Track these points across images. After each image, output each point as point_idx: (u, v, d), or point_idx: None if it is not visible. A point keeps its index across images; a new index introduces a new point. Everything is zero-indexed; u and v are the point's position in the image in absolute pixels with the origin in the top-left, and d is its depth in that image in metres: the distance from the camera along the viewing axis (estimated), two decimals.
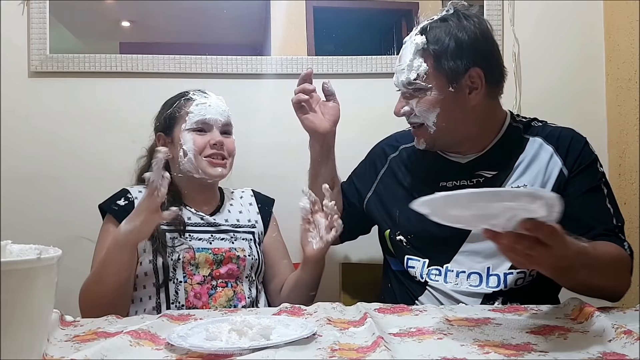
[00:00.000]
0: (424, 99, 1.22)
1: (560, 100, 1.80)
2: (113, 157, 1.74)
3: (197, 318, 1.03)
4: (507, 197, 0.83)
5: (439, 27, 1.22)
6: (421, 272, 1.26)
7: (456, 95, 1.21)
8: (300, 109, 1.35)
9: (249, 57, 1.75)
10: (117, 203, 1.34)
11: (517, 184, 1.24)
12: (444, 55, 1.20)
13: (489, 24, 1.26)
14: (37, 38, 1.70)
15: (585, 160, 1.23)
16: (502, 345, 0.83)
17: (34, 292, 0.62)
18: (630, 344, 0.79)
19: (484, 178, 1.27)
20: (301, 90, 1.34)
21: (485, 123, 1.28)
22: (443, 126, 1.23)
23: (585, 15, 1.82)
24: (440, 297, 1.24)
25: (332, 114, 1.37)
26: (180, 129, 1.37)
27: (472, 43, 1.20)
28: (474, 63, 1.20)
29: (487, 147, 1.29)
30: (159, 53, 1.73)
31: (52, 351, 0.82)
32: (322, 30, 1.80)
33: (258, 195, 1.51)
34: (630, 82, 1.68)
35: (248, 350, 0.79)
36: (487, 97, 1.24)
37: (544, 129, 1.29)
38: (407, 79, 1.22)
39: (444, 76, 1.21)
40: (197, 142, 1.35)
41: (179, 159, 1.37)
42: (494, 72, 1.25)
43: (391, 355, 0.76)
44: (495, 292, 1.21)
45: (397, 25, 1.86)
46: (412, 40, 1.23)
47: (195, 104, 1.37)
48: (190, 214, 1.37)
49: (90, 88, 1.74)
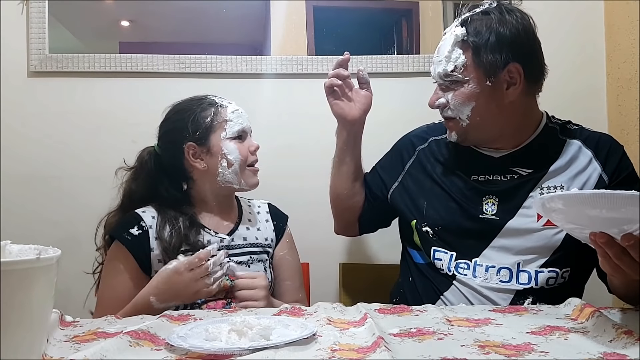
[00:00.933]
0: (459, 91, 1.21)
1: (560, 99, 1.79)
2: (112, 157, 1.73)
3: (196, 318, 1.03)
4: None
5: (480, 20, 1.20)
6: (448, 265, 1.25)
7: (493, 90, 1.20)
8: (332, 93, 1.34)
9: (249, 57, 1.75)
10: (130, 232, 1.25)
11: (553, 184, 1.23)
12: (484, 48, 1.18)
13: (532, 20, 1.23)
14: (36, 38, 1.70)
15: (625, 169, 1.23)
16: (502, 345, 0.82)
17: (33, 292, 0.62)
18: (630, 344, 0.79)
19: (518, 175, 1.25)
20: (335, 74, 1.32)
21: (521, 120, 1.26)
22: (477, 120, 1.22)
23: (586, 15, 1.82)
24: (468, 293, 1.22)
25: (364, 103, 1.35)
26: (218, 138, 1.29)
27: (513, 38, 1.18)
28: (513, 58, 1.18)
29: (522, 145, 1.27)
30: (159, 53, 1.73)
31: (51, 351, 0.82)
32: (322, 30, 1.80)
33: (273, 210, 1.45)
34: (631, 82, 1.68)
35: (248, 351, 0.79)
36: (525, 94, 1.22)
37: (582, 133, 1.27)
38: (444, 71, 1.21)
39: (482, 69, 1.19)
40: (243, 151, 1.30)
41: (221, 169, 1.30)
42: (534, 69, 1.22)
43: (391, 355, 0.76)
44: (525, 290, 1.19)
45: (397, 25, 1.86)
46: (452, 31, 1.21)
47: (231, 111, 1.31)
48: (210, 237, 1.30)
49: (89, 88, 1.74)
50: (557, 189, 1.22)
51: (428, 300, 1.20)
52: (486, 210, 1.24)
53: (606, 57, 1.81)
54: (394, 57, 1.79)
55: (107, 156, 1.73)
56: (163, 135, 1.37)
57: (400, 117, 1.67)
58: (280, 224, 1.43)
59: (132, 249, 1.24)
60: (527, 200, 1.22)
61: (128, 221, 1.28)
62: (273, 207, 1.46)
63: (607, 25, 1.80)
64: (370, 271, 1.63)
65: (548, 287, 1.19)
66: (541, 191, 1.22)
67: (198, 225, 1.30)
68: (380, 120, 1.71)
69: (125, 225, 1.27)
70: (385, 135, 1.50)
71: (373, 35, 1.84)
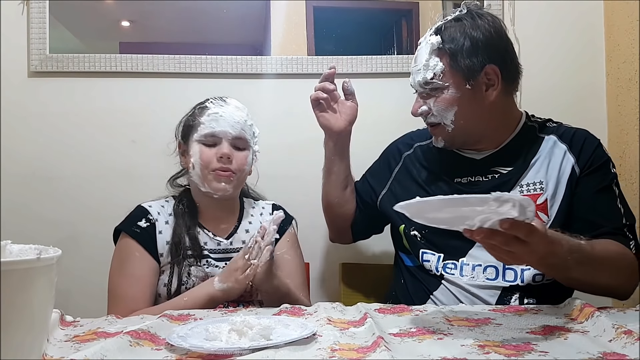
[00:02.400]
0: (441, 97, 1.24)
1: (560, 99, 1.79)
2: (113, 157, 1.74)
3: (196, 318, 1.03)
4: (476, 203, 0.87)
5: (453, 27, 1.23)
6: (436, 266, 1.27)
7: (473, 93, 1.23)
8: (318, 106, 1.36)
9: (249, 57, 1.75)
10: (139, 225, 1.28)
11: (532, 180, 1.25)
12: (460, 53, 1.21)
13: (502, 23, 1.28)
14: (36, 38, 1.70)
15: (598, 161, 1.24)
16: (502, 345, 0.83)
17: (33, 292, 0.62)
18: (630, 344, 0.79)
19: (499, 174, 1.27)
20: (321, 88, 1.35)
21: (502, 120, 1.29)
22: (461, 124, 1.24)
23: (586, 15, 1.82)
24: (456, 292, 1.24)
25: (349, 114, 1.38)
26: (192, 139, 1.32)
27: (486, 41, 1.22)
28: (489, 60, 1.22)
29: (502, 144, 1.29)
30: (159, 53, 1.73)
31: (51, 351, 0.82)
32: (322, 30, 1.80)
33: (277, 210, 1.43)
34: (631, 82, 1.68)
35: (248, 351, 0.79)
36: (504, 94, 1.26)
37: (559, 129, 1.30)
38: (423, 79, 1.23)
39: (460, 74, 1.22)
40: (204, 156, 1.29)
41: (190, 170, 1.32)
42: (510, 69, 1.26)
43: (391, 355, 0.76)
44: (512, 287, 1.20)
45: (397, 25, 1.86)
46: (427, 40, 1.24)
47: (207, 114, 1.31)
48: (207, 239, 1.32)
49: (89, 88, 1.74)
50: (535, 185, 1.24)
51: (419, 301, 1.23)
52: None
53: (606, 57, 1.81)
54: (394, 57, 1.79)
55: (107, 156, 1.74)
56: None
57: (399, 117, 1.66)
58: (282, 225, 1.42)
59: (142, 241, 1.27)
60: None
61: (136, 215, 1.32)
62: (277, 208, 1.46)
63: (607, 25, 1.80)
64: (371, 271, 1.63)
65: (535, 283, 1.21)
66: (521, 189, 1.25)
67: (197, 225, 1.33)
68: (381, 120, 1.72)
69: (133, 219, 1.31)
70: (385, 135, 1.50)
71: (373, 35, 1.84)
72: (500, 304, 1.19)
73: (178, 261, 1.27)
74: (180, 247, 1.28)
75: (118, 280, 1.26)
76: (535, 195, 1.23)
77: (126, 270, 1.26)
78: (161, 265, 1.28)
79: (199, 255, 1.29)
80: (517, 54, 1.29)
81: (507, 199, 0.84)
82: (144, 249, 1.27)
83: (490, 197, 0.84)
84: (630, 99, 1.68)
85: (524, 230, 0.88)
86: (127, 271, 1.26)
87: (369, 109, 1.73)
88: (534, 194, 1.24)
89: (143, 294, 1.23)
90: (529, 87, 1.79)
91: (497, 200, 0.84)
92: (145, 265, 1.26)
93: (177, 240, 1.28)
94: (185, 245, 1.29)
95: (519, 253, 0.91)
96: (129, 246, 1.28)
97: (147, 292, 1.24)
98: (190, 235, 1.30)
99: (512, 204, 0.84)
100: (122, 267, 1.27)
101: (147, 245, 1.27)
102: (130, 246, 1.27)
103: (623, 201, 1.23)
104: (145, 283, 1.25)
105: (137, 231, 1.28)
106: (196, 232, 1.32)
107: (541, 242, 0.91)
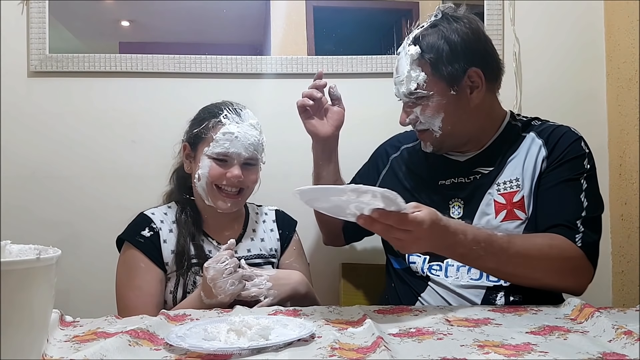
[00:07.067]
0: (427, 106, 1.24)
1: (560, 99, 1.79)
2: (112, 157, 1.74)
3: (193, 318, 1.03)
4: (335, 193, 0.94)
5: (430, 34, 1.23)
6: (422, 267, 1.27)
7: (458, 98, 1.23)
8: (304, 112, 1.37)
9: (249, 57, 1.75)
10: (142, 234, 1.28)
11: (509, 179, 1.24)
12: (441, 61, 1.21)
13: (479, 22, 1.27)
14: (36, 38, 1.70)
15: (570, 154, 1.22)
16: (502, 345, 0.82)
17: (33, 292, 0.62)
18: (630, 345, 0.79)
19: (480, 174, 1.28)
20: (307, 95, 1.35)
21: (487, 120, 1.29)
22: (449, 129, 1.25)
23: (586, 15, 1.82)
24: (443, 293, 1.24)
25: (336, 119, 1.38)
26: (202, 150, 1.30)
27: (465, 44, 1.21)
28: (471, 63, 1.22)
29: (486, 145, 1.30)
30: (159, 53, 1.73)
31: (51, 351, 0.82)
32: (322, 30, 1.80)
33: (280, 217, 1.45)
34: (631, 82, 1.68)
35: (247, 351, 0.79)
36: (488, 94, 1.26)
37: (541, 126, 1.29)
38: (407, 90, 1.24)
39: (443, 81, 1.22)
40: (213, 172, 1.29)
41: (195, 179, 1.31)
42: (492, 68, 1.26)
43: (391, 355, 0.76)
44: (496, 286, 1.20)
45: (397, 24, 1.86)
46: (407, 51, 1.24)
47: (222, 132, 1.28)
48: (211, 247, 1.32)
49: (89, 88, 1.74)
50: (512, 183, 1.24)
51: (407, 304, 1.23)
52: (453, 214, 1.27)
53: (606, 58, 1.81)
54: (394, 57, 1.78)
55: (107, 156, 1.74)
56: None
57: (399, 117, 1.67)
58: (287, 232, 1.43)
59: (146, 251, 1.27)
60: (485, 197, 1.25)
61: (138, 223, 1.31)
62: (280, 214, 1.46)
63: (607, 25, 1.80)
64: (371, 271, 1.63)
65: None
66: (498, 187, 1.25)
67: (200, 230, 1.33)
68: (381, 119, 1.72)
69: (136, 228, 1.30)
70: (385, 135, 1.51)
71: (373, 35, 1.84)
72: (486, 303, 1.19)
73: (183, 272, 1.27)
74: (184, 257, 1.27)
75: (126, 293, 1.26)
76: (512, 193, 1.23)
77: (133, 282, 1.25)
78: (167, 273, 1.28)
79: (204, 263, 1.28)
80: (496, 50, 1.29)
81: (366, 190, 0.91)
82: (149, 260, 1.26)
83: (347, 188, 0.91)
84: (630, 99, 1.68)
85: (394, 219, 0.95)
86: (133, 283, 1.25)
87: (368, 108, 1.74)
88: (510, 191, 1.23)
89: (151, 304, 1.22)
90: (528, 87, 1.80)
91: (355, 191, 0.91)
92: (151, 276, 1.26)
93: (180, 250, 1.28)
94: (189, 254, 1.28)
95: (406, 240, 0.99)
96: (134, 257, 1.27)
97: (154, 302, 1.24)
98: (195, 245, 1.30)
99: (372, 195, 0.91)
100: (128, 278, 1.26)
101: (152, 255, 1.27)
102: (135, 257, 1.27)
103: (590, 195, 1.19)
104: (152, 294, 1.24)
105: (141, 241, 1.27)
106: (201, 240, 1.32)
107: (430, 231, 0.97)
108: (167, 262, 1.28)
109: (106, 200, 1.72)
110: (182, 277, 1.27)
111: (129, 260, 1.28)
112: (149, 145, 1.72)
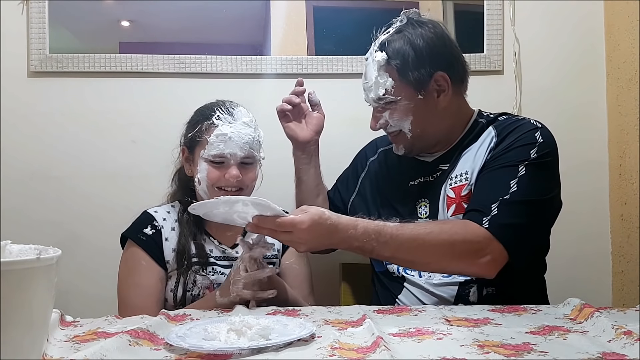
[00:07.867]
0: (396, 110, 1.26)
1: (560, 100, 1.79)
2: (113, 157, 1.74)
3: (193, 318, 1.03)
4: (213, 205, 1.01)
5: (396, 40, 1.25)
6: (397, 268, 1.29)
7: (426, 101, 1.25)
8: (284, 117, 1.41)
9: (249, 57, 1.75)
10: (145, 232, 1.29)
11: (460, 172, 1.25)
12: (407, 66, 1.23)
13: (443, 27, 1.30)
14: (36, 38, 1.70)
15: (518, 143, 1.20)
16: (501, 345, 0.83)
17: (33, 292, 0.62)
18: (630, 345, 0.79)
19: (441, 171, 1.29)
20: (286, 100, 1.39)
21: (455, 121, 1.31)
22: (418, 132, 1.27)
23: (586, 15, 1.81)
24: (417, 293, 1.25)
25: (315, 124, 1.41)
26: (199, 154, 1.30)
27: (430, 48, 1.23)
28: (436, 67, 1.24)
29: (452, 144, 1.31)
30: (159, 53, 1.73)
31: (51, 351, 0.82)
32: (322, 30, 1.80)
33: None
34: (631, 82, 1.68)
35: (248, 350, 0.79)
36: (455, 96, 1.28)
37: (505, 121, 1.28)
38: (376, 95, 1.26)
39: (410, 86, 1.24)
40: (211, 175, 1.29)
41: (196, 183, 1.33)
42: (457, 71, 1.28)
43: (391, 355, 0.76)
44: (467, 281, 1.22)
45: None
46: (373, 57, 1.26)
47: (215, 134, 1.28)
48: (213, 247, 1.33)
49: (89, 88, 1.74)
50: (462, 176, 1.25)
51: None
52: (420, 214, 1.29)
53: (606, 58, 1.81)
54: None
55: (107, 156, 1.74)
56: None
57: None
58: None
59: (148, 249, 1.27)
60: (441, 194, 1.27)
61: (141, 221, 1.32)
62: None
63: (607, 25, 1.80)
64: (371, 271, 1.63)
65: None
66: (450, 181, 1.26)
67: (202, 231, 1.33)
68: None
69: (139, 226, 1.30)
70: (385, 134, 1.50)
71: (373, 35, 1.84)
72: (459, 298, 1.21)
73: (183, 270, 1.27)
74: (185, 255, 1.28)
75: (126, 291, 1.27)
76: (461, 186, 1.24)
77: (133, 279, 1.26)
78: (168, 271, 1.28)
79: (205, 263, 1.30)
80: (461, 53, 1.30)
81: (236, 200, 0.98)
82: (150, 257, 1.27)
83: (220, 200, 0.96)
84: (630, 99, 1.68)
85: (271, 224, 1.03)
86: (134, 280, 1.26)
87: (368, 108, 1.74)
88: (459, 185, 1.24)
89: (151, 302, 1.23)
90: (528, 87, 1.80)
91: (227, 202, 0.97)
92: (152, 274, 1.26)
93: (181, 249, 1.29)
94: (190, 253, 1.29)
95: (292, 241, 1.07)
96: (135, 255, 1.28)
97: (154, 301, 1.24)
98: (196, 244, 1.31)
99: (243, 203, 0.98)
100: (129, 276, 1.27)
101: (154, 253, 1.27)
102: (136, 255, 1.27)
103: (525, 181, 1.15)
104: (152, 292, 1.25)
105: (142, 239, 1.28)
106: (202, 240, 1.32)
107: (311, 231, 1.03)
108: (168, 261, 1.28)
109: (107, 200, 1.72)
110: (182, 275, 1.27)
111: (130, 257, 1.28)
112: (149, 145, 1.72)
